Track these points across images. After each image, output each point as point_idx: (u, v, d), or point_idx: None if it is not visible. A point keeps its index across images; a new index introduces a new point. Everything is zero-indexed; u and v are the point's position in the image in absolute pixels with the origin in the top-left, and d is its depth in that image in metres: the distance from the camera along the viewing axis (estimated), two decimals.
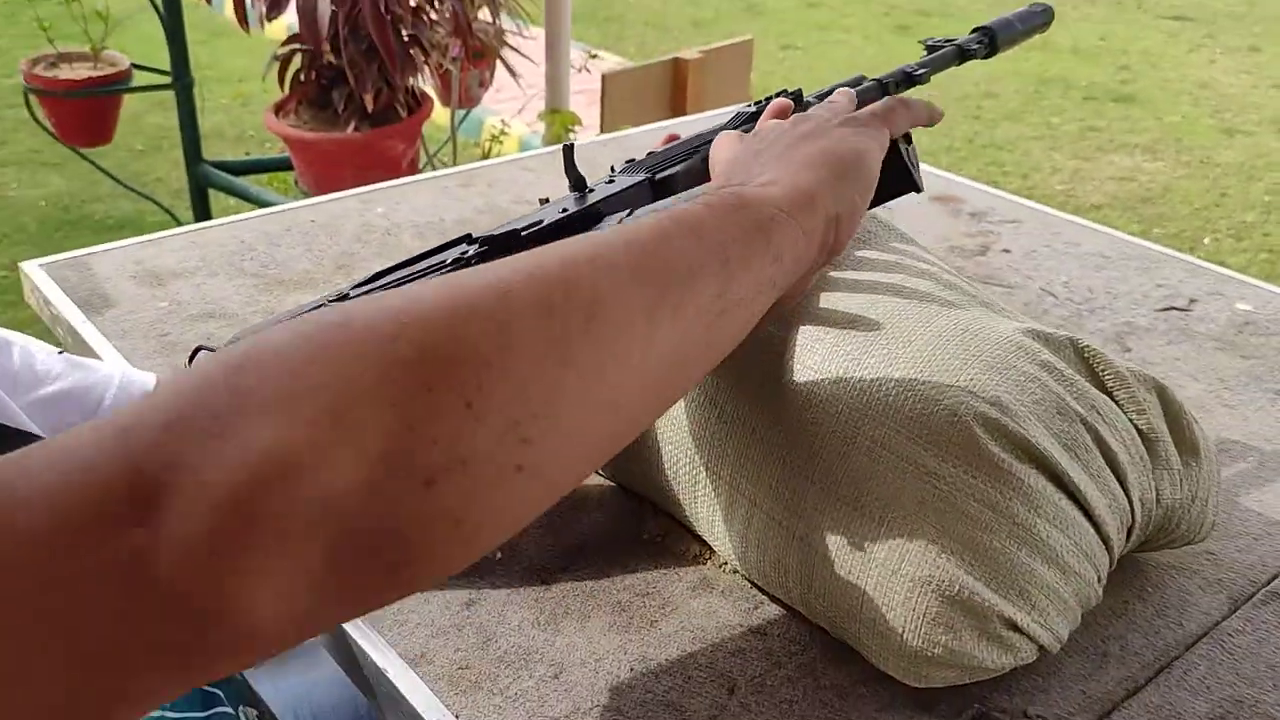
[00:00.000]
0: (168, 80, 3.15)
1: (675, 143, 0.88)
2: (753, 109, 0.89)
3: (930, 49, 1.05)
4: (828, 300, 0.82)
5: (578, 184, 0.82)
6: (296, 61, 2.72)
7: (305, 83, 2.69)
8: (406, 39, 2.53)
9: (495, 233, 0.74)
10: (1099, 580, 0.75)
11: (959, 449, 0.72)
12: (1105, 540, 0.75)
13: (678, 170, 0.83)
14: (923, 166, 1.56)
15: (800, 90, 0.92)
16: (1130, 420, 0.78)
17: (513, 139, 4.27)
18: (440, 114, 3.26)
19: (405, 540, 0.41)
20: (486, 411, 0.42)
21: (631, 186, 0.81)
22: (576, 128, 2.78)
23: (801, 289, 0.72)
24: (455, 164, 3.22)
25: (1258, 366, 1.11)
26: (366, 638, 0.77)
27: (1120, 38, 6.26)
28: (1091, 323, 1.18)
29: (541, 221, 0.76)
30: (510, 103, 4.18)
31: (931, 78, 0.99)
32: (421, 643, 0.77)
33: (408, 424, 0.40)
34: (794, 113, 0.83)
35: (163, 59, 3.16)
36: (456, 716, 0.71)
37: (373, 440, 0.39)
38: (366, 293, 0.72)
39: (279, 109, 2.79)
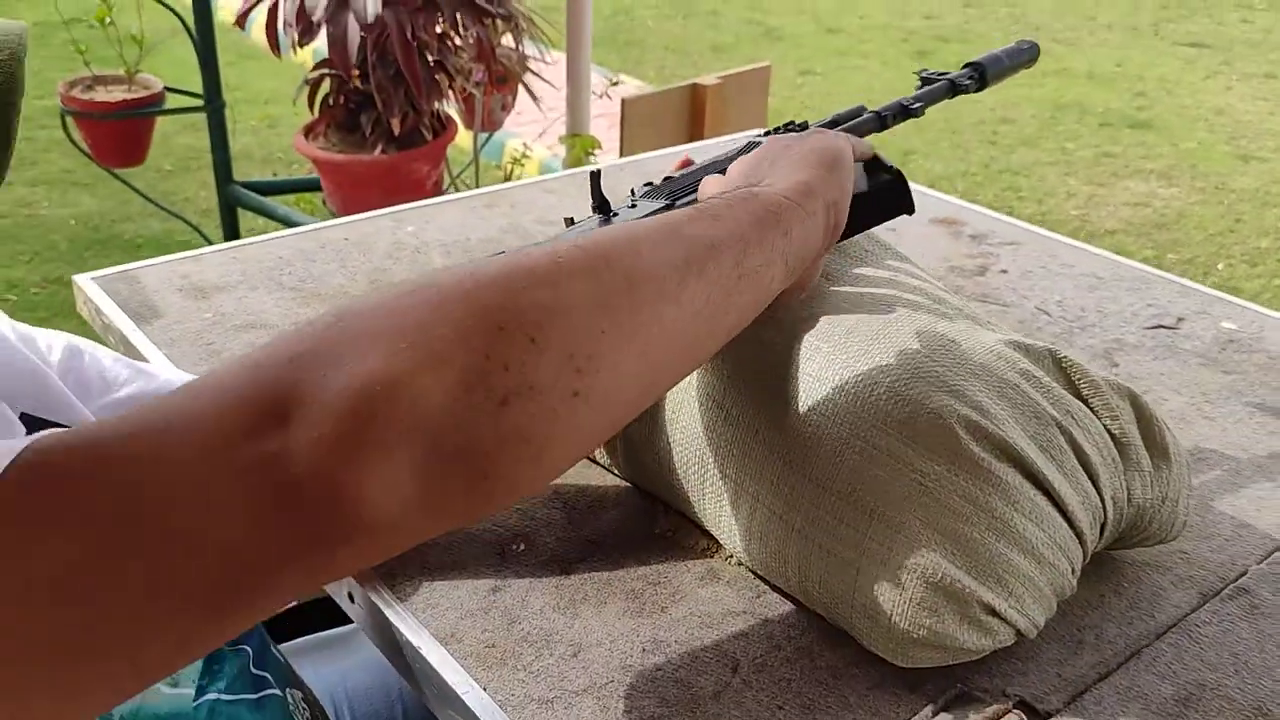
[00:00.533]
0: (200, 103, 3.25)
1: (691, 168, 0.95)
2: (764, 139, 0.96)
3: (924, 81, 1.13)
4: (827, 312, 0.89)
5: (602, 207, 0.89)
6: (325, 86, 2.81)
7: (334, 107, 2.78)
8: (432, 64, 2.62)
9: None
10: (1073, 571, 0.82)
11: (943, 448, 0.79)
12: (1078, 534, 0.81)
13: (694, 197, 0.90)
14: (928, 191, 1.63)
15: (807, 122, 0.99)
16: (1104, 425, 0.85)
17: (534, 162, 4.36)
18: (463, 137, 3.35)
19: (483, 453, 0.50)
20: (546, 345, 0.52)
21: (652, 212, 0.88)
22: (597, 151, 2.86)
23: (812, 275, 0.83)
24: (478, 185, 3.30)
25: (1238, 382, 1.17)
26: (403, 620, 0.84)
27: (1136, 64, 6.32)
28: (1082, 339, 1.24)
29: None
30: (531, 125, 4.27)
31: (926, 110, 1.06)
32: (452, 624, 0.84)
33: (483, 353, 0.50)
34: None
35: (194, 82, 3.26)
36: (484, 689, 0.78)
37: (454, 366, 0.49)
38: None
39: (308, 132, 2.88)
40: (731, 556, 0.91)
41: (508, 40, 2.97)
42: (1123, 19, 7.05)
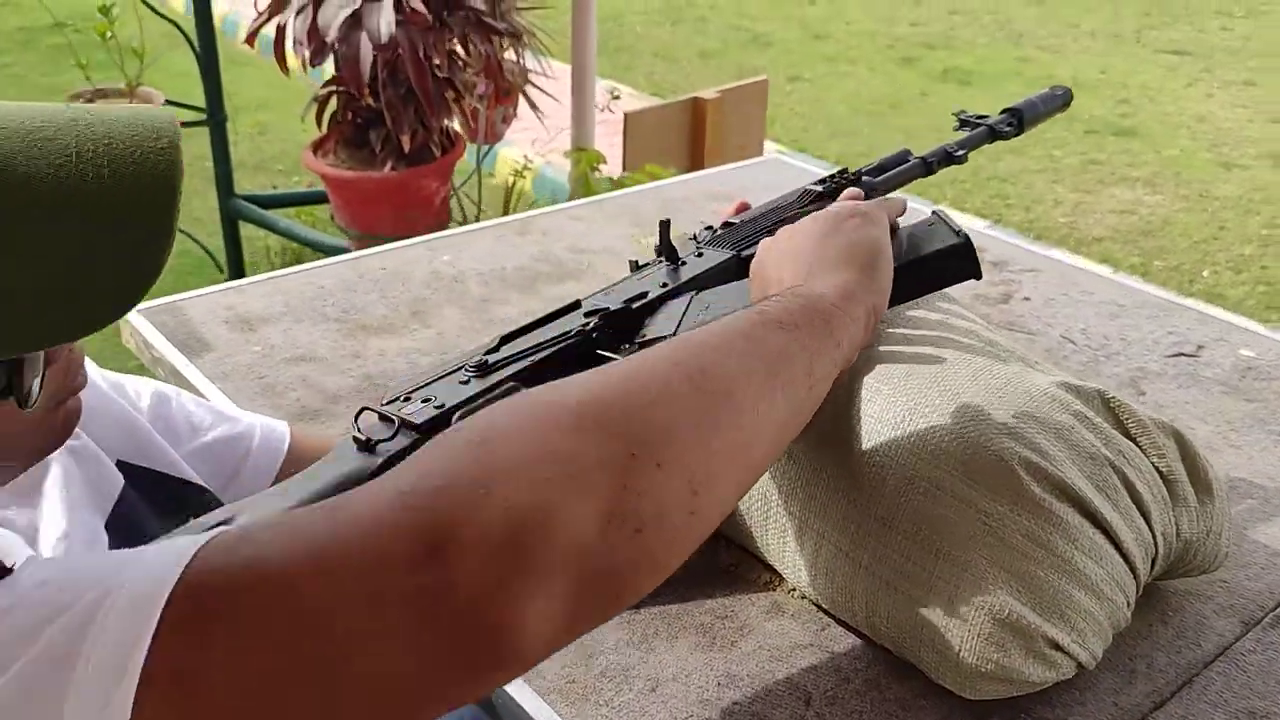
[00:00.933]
0: (202, 116, 3.26)
1: (749, 215, 0.99)
2: (819, 189, 1.00)
3: (963, 123, 1.17)
4: (884, 355, 0.93)
5: (670, 255, 0.92)
6: (332, 103, 2.83)
7: (342, 123, 2.80)
8: (441, 81, 2.64)
9: (609, 306, 0.85)
10: (1128, 605, 0.86)
11: (1005, 489, 0.82)
12: (1133, 570, 0.85)
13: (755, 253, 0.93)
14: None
15: (859, 173, 1.03)
16: (1152, 463, 0.89)
17: (533, 172, 4.38)
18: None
19: (620, 577, 0.53)
20: (671, 471, 0.55)
21: (721, 263, 0.91)
22: (601, 165, 2.89)
23: (851, 362, 0.84)
24: (480, 198, 3.33)
25: (1260, 410, 1.21)
26: None
27: (1119, 71, 6.40)
28: (1108, 368, 1.28)
29: (647, 294, 0.87)
30: (524, 134, 4.29)
31: (968, 157, 1.10)
32: None
33: (622, 483, 0.52)
34: (865, 197, 0.95)
35: (191, 93, 3.27)
36: None
37: (599, 496, 0.52)
38: (508, 358, 0.81)
39: (316, 148, 2.90)
40: (795, 590, 0.95)
41: (509, 54, 2.99)
42: (1105, 26, 7.13)
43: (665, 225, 0.92)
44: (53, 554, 0.73)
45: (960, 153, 1.09)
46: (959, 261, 0.86)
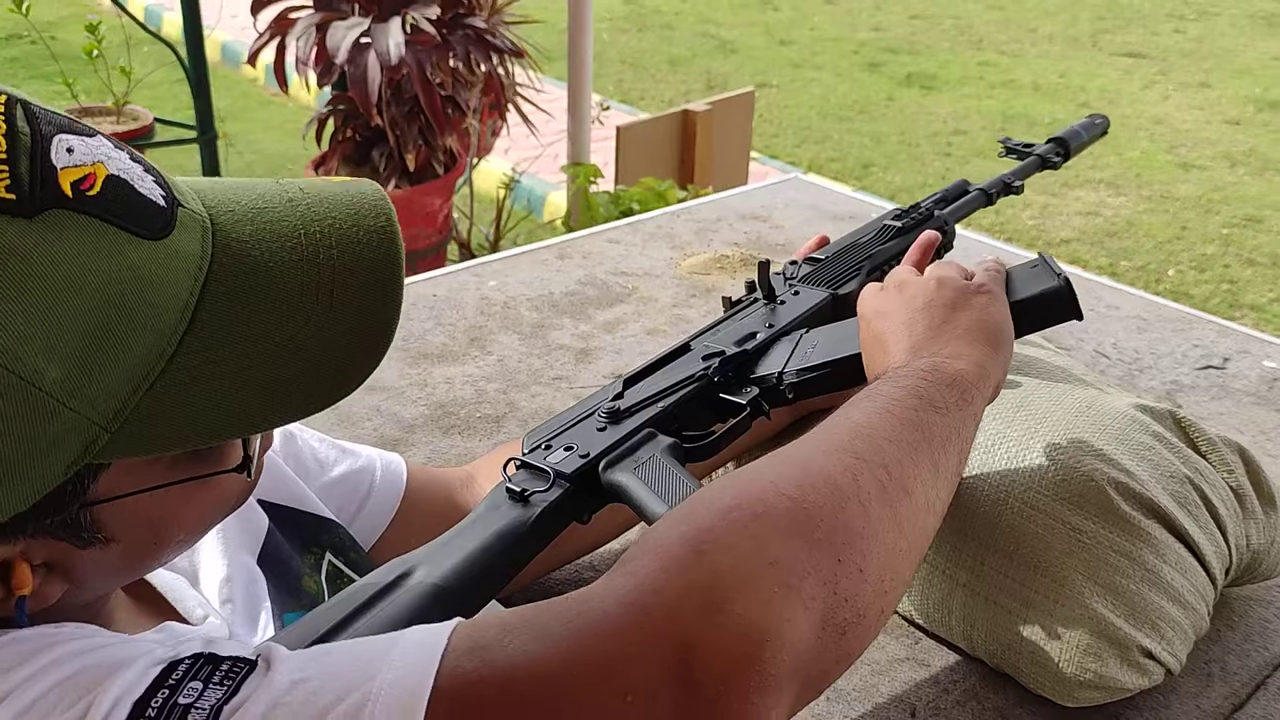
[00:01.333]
0: (192, 134, 3.26)
1: (833, 250, 1.03)
2: (898, 224, 1.04)
3: (1009, 150, 1.22)
4: None
5: (769, 294, 0.96)
6: (330, 123, 2.85)
7: (343, 141, 2.82)
8: (444, 100, 2.67)
9: (725, 350, 0.89)
10: (1208, 613, 0.91)
11: (1097, 508, 0.87)
12: (1213, 580, 0.91)
13: (854, 287, 0.98)
14: (961, 230, 1.73)
15: (932, 210, 1.08)
16: (1223, 478, 0.95)
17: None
18: None
19: (829, 676, 0.59)
20: (868, 573, 0.59)
21: (819, 303, 0.96)
22: (597, 179, 2.93)
23: None
24: (472, 211, 3.35)
25: None
26: None
27: (1078, 74, 6.53)
28: (1144, 381, 1.34)
29: (756, 334, 0.91)
30: (506, 148, 4.32)
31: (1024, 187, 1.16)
32: None
33: (832, 590, 0.57)
34: (941, 230, 1.00)
35: (163, 108, 3.27)
36: None
37: (818, 606, 0.55)
38: (638, 404, 0.85)
39: (318, 166, 2.92)
40: None
41: (501, 70, 3.03)
42: (1063, 31, 7.27)
43: (765, 266, 0.97)
44: (219, 596, 0.76)
45: (1017, 183, 1.15)
46: (1060, 304, 0.88)
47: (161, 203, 0.56)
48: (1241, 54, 6.92)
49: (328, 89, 2.92)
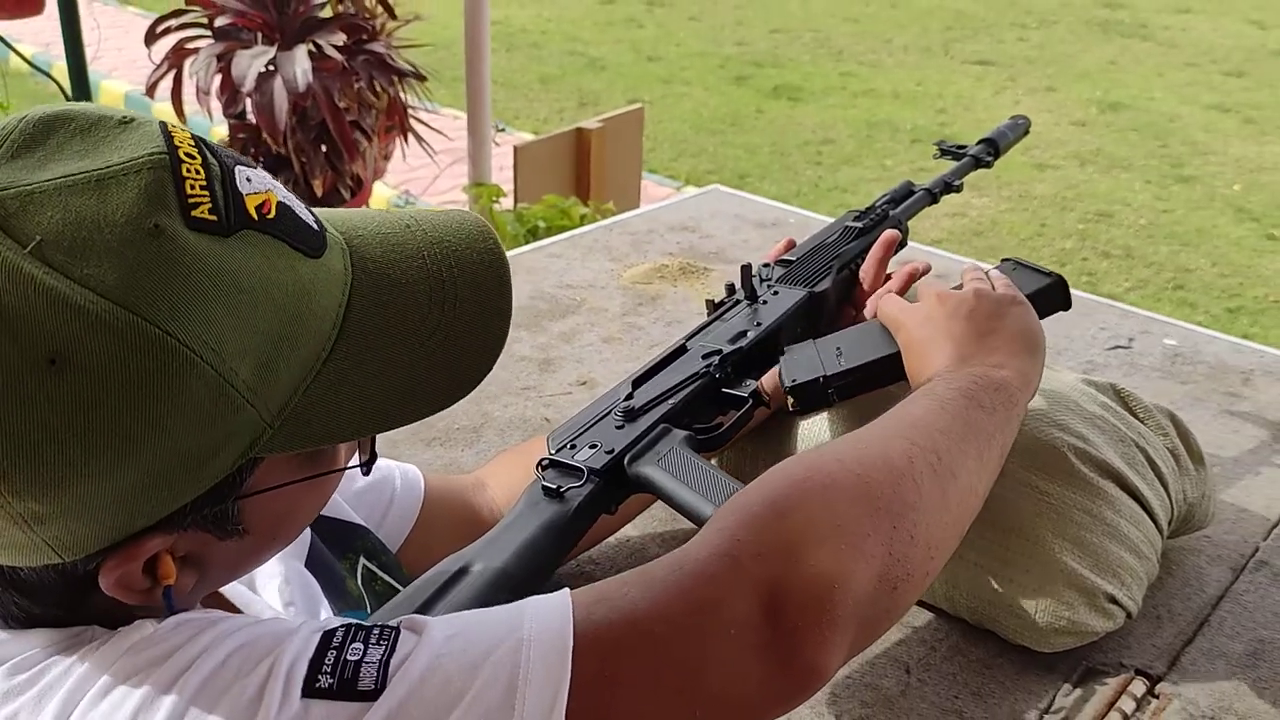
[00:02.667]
0: None
1: (803, 251, 1.11)
2: (859, 225, 1.13)
3: (944, 152, 1.32)
4: None
5: (752, 295, 1.04)
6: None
7: None
8: (349, 125, 2.69)
9: (722, 349, 0.97)
10: (1158, 561, 1.02)
11: (1060, 472, 0.98)
12: (1160, 531, 1.02)
13: (828, 285, 1.06)
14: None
15: (887, 210, 1.17)
16: (1161, 441, 1.06)
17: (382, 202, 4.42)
18: None
19: (880, 625, 0.69)
20: (919, 539, 0.69)
21: (798, 301, 1.04)
22: (500, 199, 2.98)
23: None
24: None
25: (1195, 390, 1.42)
26: None
27: (934, 82, 6.82)
28: (1062, 362, 1.46)
29: (746, 333, 1.00)
30: (399, 174, 4.33)
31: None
32: None
33: (888, 549, 0.67)
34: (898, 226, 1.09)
35: None
36: None
37: (876, 562, 0.66)
38: (650, 403, 0.93)
39: None
40: None
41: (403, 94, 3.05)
42: (915, 41, 7.58)
43: (747, 269, 1.05)
44: (280, 599, 0.80)
45: (957, 182, 1.25)
46: (1059, 296, 1.01)
47: (315, 226, 0.63)
48: (1081, 58, 7.32)
49: (201, 117, 2.90)
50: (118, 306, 0.54)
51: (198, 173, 0.57)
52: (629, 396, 0.94)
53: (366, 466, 0.69)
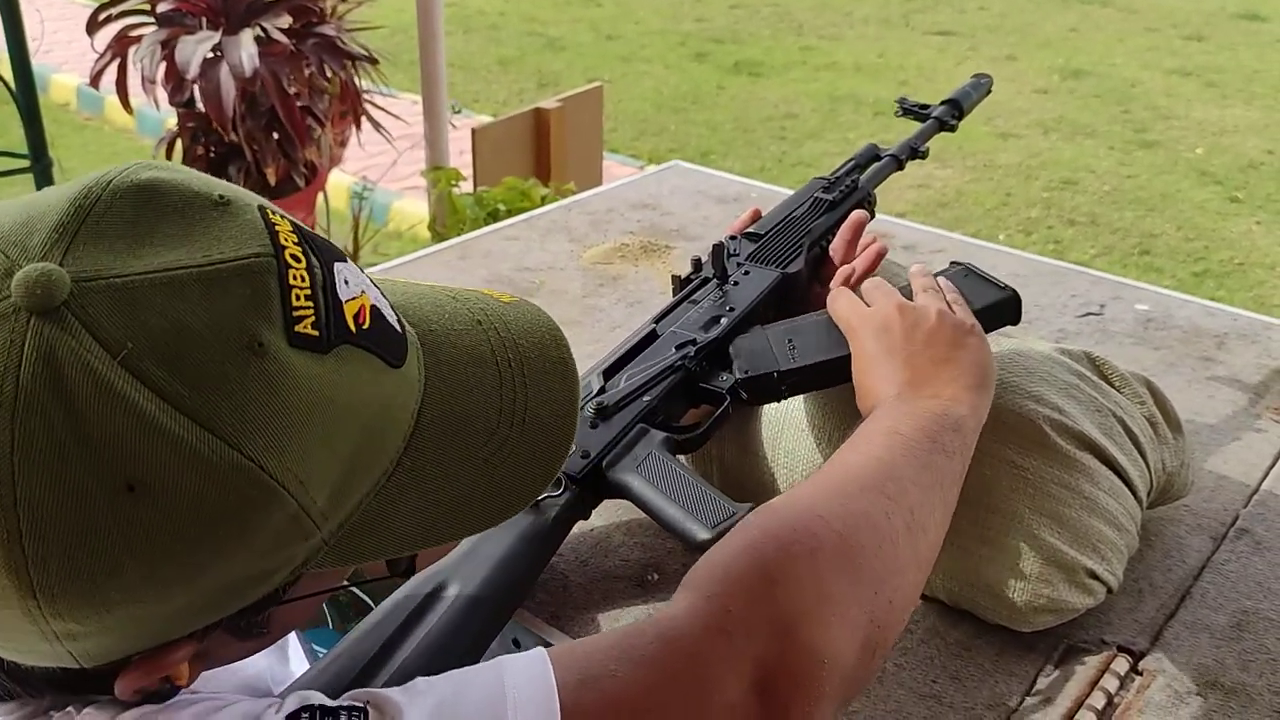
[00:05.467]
0: (25, 163, 3.11)
1: (775, 227, 1.07)
2: (829, 198, 1.09)
3: (906, 111, 1.28)
4: None
5: (723, 276, 1.00)
6: (178, 143, 2.77)
7: (196, 160, 2.74)
8: (302, 110, 2.63)
9: (696, 339, 0.93)
10: (1138, 533, 0.99)
11: (1036, 445, 0.94)
12: (1140, 502, 0.99)
13: (800, 265, 1.02)
14: None
15: (856, 181, 1.13)
16: (1138, 410, 1.03)
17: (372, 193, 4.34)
18: None
19: (861, 686, 0.68)
20: (896, 603, 0.68)
21: (771, 284, 1.00)
22: (459, 182, 2.92)
23: None
24: (328, 225, 3.30)
25: (1168, 355, 1.39)
26: None
27: (896, 54, 6.80)
28: (1033, 331, 1.43)
29: (720, 320, 0.95)
30: (357, 160, 4.26)
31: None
32: None
33: (870, 618, 0.65)
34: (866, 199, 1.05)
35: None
36: None
37: (859, 630, 0.65)
38: (622, 399, 0.90)
39: None
40: None
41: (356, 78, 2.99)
42: (876, 13, 7.55)
43: (719, 248, 1.01)
44: None
45: (923, 147, 1.21)
46: (1009, 311, 0.95)
47: (399, 329, 0.57)
48: (1041, 26, 7.32)
49: (149, 107, 2.83)
50: (211, 435, 0.47)
51: (303, 279, 0.51)
52: (601, 390, 0.90)
53: (406, 576, 0.65)
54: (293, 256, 0.51)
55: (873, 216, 1.15)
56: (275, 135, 2.61)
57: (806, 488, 0.74)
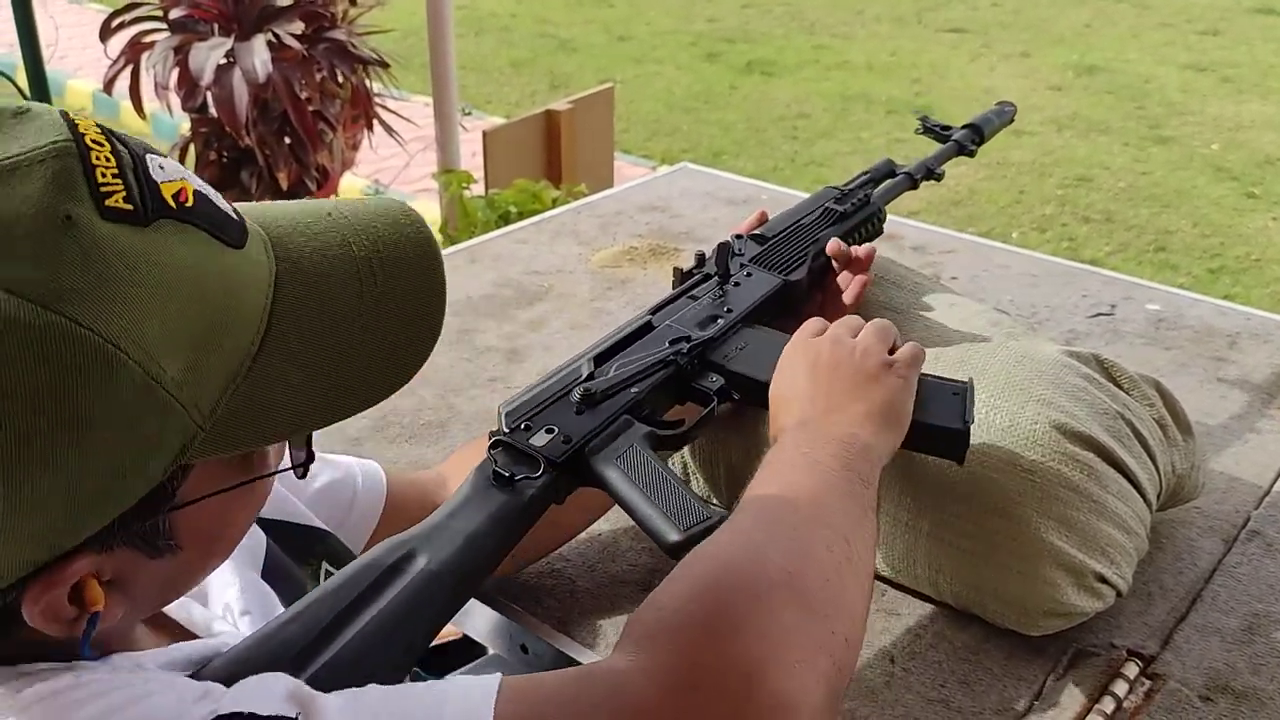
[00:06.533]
0: None
1: (777, 228, 1.07)
2: (840, 209, 1.09)
3: (927, 129, 1.28)
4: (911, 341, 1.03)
5: (725, 275, 1.00)
6: (191, 148, 2.78)
7: (209, 164, 2.75)
8: (313, 115, 2.64)
9: (691, 336, 0.93)
10: (1147, 536, 0.99)
11: (1043, 448, 0.94)
12: (1149, 505, 0.99)
13: (802, 274, 1.02)
14: None
15: (869, 196, 1.12)
16: (1147, 412, 1.02)
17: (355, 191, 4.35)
18: None
19: None
20: (849, 640, 0.68)
21: (772, 289, 1.00)
22: (470, 185, 2.93)
23: None
24: None
25: (1180, 356, 1.38)
26: (585, 657, 0.93)
27: (908, 52, 6.78)
28: (1044, 332, 1.43)
29: (717, 319, 0.95)
30: (370, 164, 4.27)
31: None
32: None
33: (830, 659, 0.65)
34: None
35: None
36: None
37: (824, 676, 0.64)
38: (611, 389, 0.89)
39: None
40: None
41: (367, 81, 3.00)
42: (889, 10, 7.52)
43: (725, 247, 1.00)
44: (238, 606, 0.76)
45: (939, 169, 1.21)
46: (950, 444, 0.90)
47: (235, 216, 0.60)
48: (1056, 23, 7.28)
49: (164, 113, 2.84)
50: (31, 303, 0.50)
51: (108, 160, 0.54)
52: (590, 376, 0.90)
53: (303, 469, 0.65)
54: (94, 141, 0.54)
55: (880, 234, 1.15)
56: (288, 140, 2.61)
57: (744, 521, 0.73)
